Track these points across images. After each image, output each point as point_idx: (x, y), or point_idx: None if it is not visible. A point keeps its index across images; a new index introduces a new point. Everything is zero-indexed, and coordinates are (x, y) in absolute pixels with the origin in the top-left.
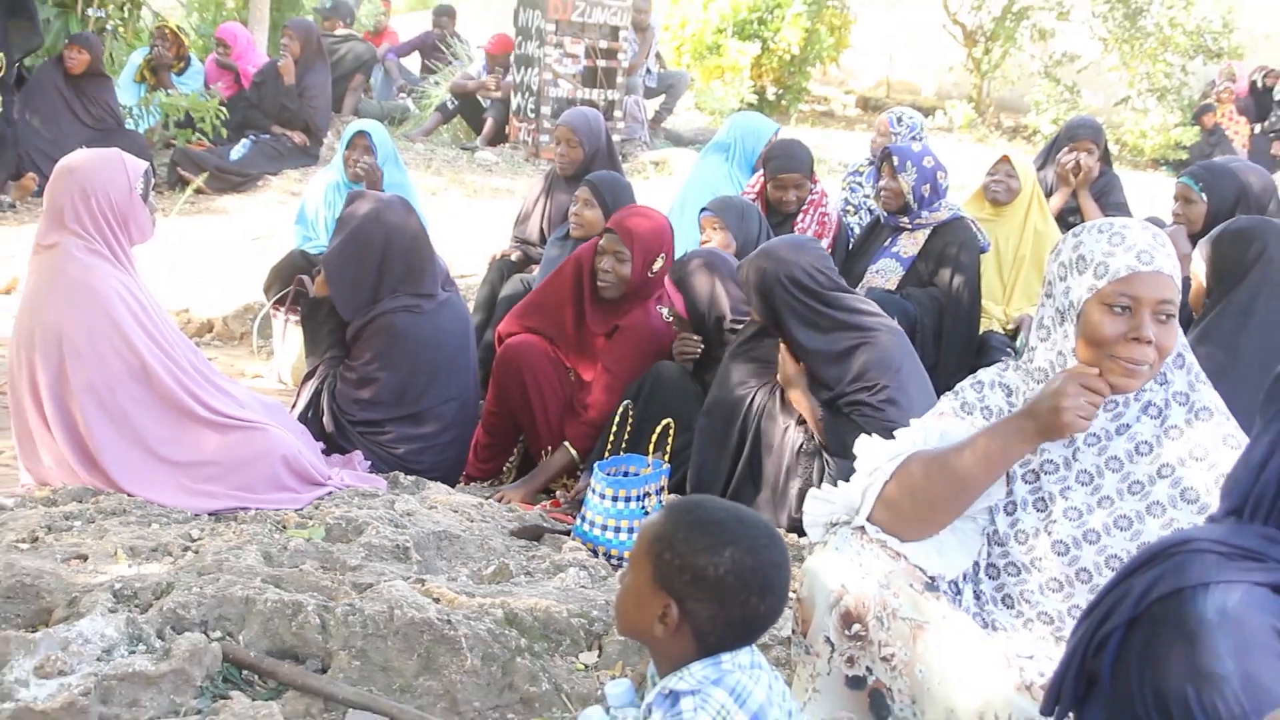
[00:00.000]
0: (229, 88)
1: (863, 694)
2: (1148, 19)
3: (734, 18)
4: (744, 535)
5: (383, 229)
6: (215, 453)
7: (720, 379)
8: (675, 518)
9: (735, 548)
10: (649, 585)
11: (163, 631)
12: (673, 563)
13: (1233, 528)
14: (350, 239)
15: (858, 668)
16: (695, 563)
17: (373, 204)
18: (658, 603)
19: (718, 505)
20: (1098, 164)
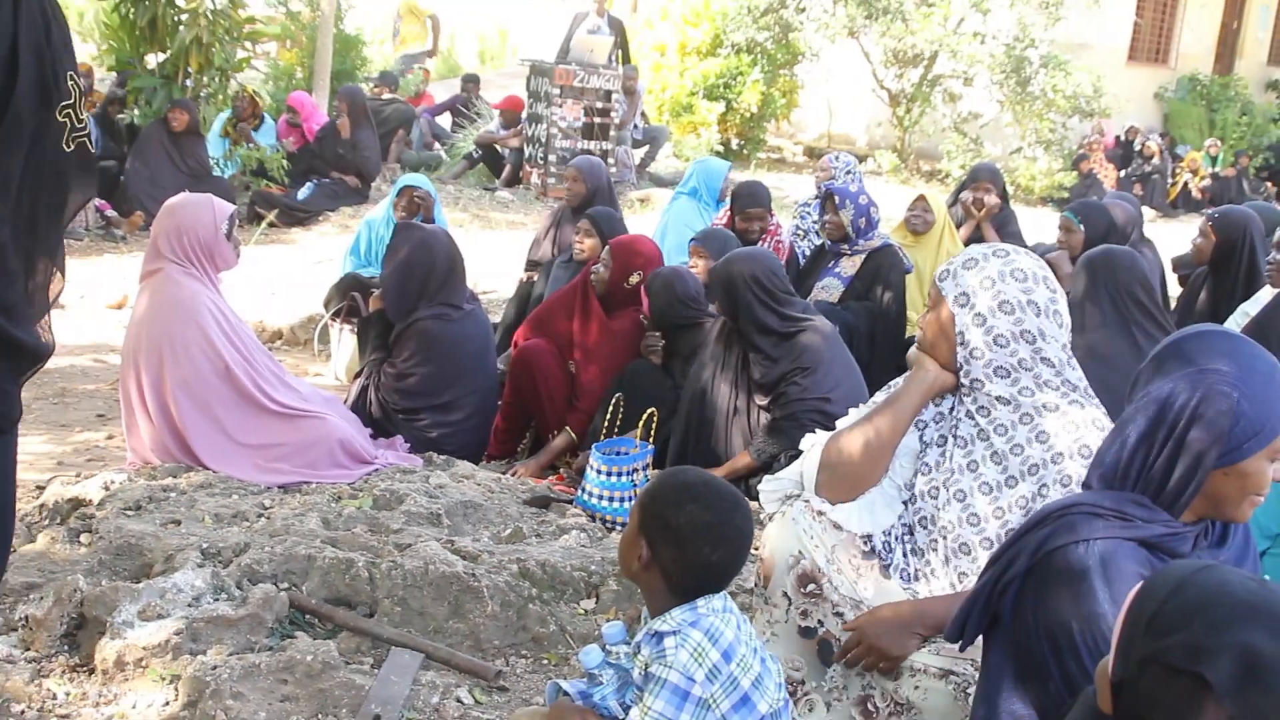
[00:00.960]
0: (297, 142)
1: (812, 643)
2: (1035, 85)
3: (704, 83)
4: (705, 495)
5: (429, 252)
6: (283, 437)
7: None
8: (662, 479)
9: (695, 504)
10: (635, 531)
11: (241, 583)
12: (649, 511)
13: (1107, 493)
14: (406, 258)
15: (810, 620)
16: (664, 513)
17: (423, 232)
18: (638, 545)
19: (696, 473)
20: (998, 202)
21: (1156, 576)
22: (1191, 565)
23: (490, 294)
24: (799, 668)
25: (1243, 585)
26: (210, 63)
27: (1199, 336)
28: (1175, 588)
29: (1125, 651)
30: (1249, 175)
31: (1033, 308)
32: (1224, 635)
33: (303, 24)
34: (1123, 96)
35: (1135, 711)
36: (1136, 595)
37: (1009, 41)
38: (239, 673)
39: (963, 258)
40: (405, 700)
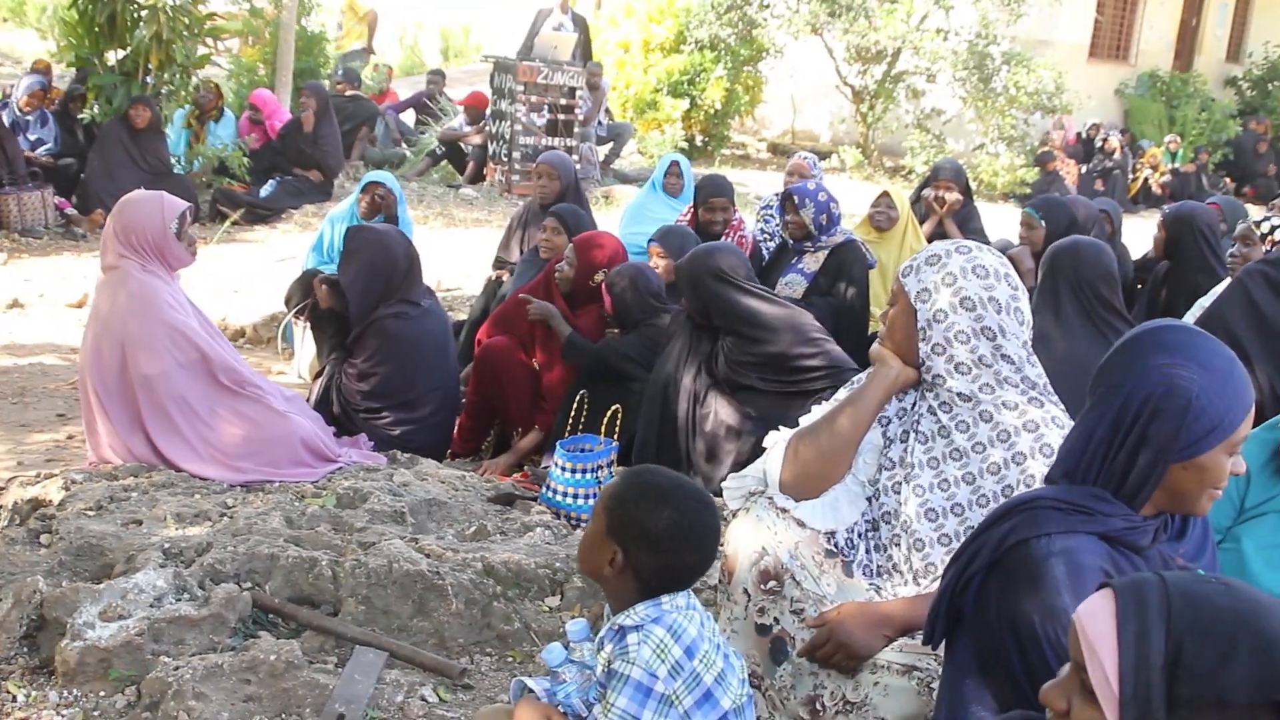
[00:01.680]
0: (260, 139)
1: (766, 640)
2: (997, 82)
3: (668, 80)
4: (681, 500)
5: (388, 252)
6: (247, 435)
7: (654, 375)
8: (629, 481)
9: (673, 510)
10: (602, 535)
11: (203, 583)
12: (622, 518)
13: (1068, 488)
14: (368, 260)
15: (767, 617)
16: (640, 519)
17: (378, 233)
18: (608, 549)
19: (664, 474)
20: (960, 198)
21: (1127, 612)
22: (1150, 586)
23: (454, 291)
24: (758, 663)
25: (1224, 597)
26: (171, 59)
27: (1158, 331)
28: (1170, 623)
29: (1141, 704)
30: (1208, 171)
31: (994, 304)
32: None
33: (265, 20)
34: (1084, 93)
35: None
36: (1122, 639)
37: (971, 38)
38: (201, 673)
39: (925, 254)
40: (369, 699)
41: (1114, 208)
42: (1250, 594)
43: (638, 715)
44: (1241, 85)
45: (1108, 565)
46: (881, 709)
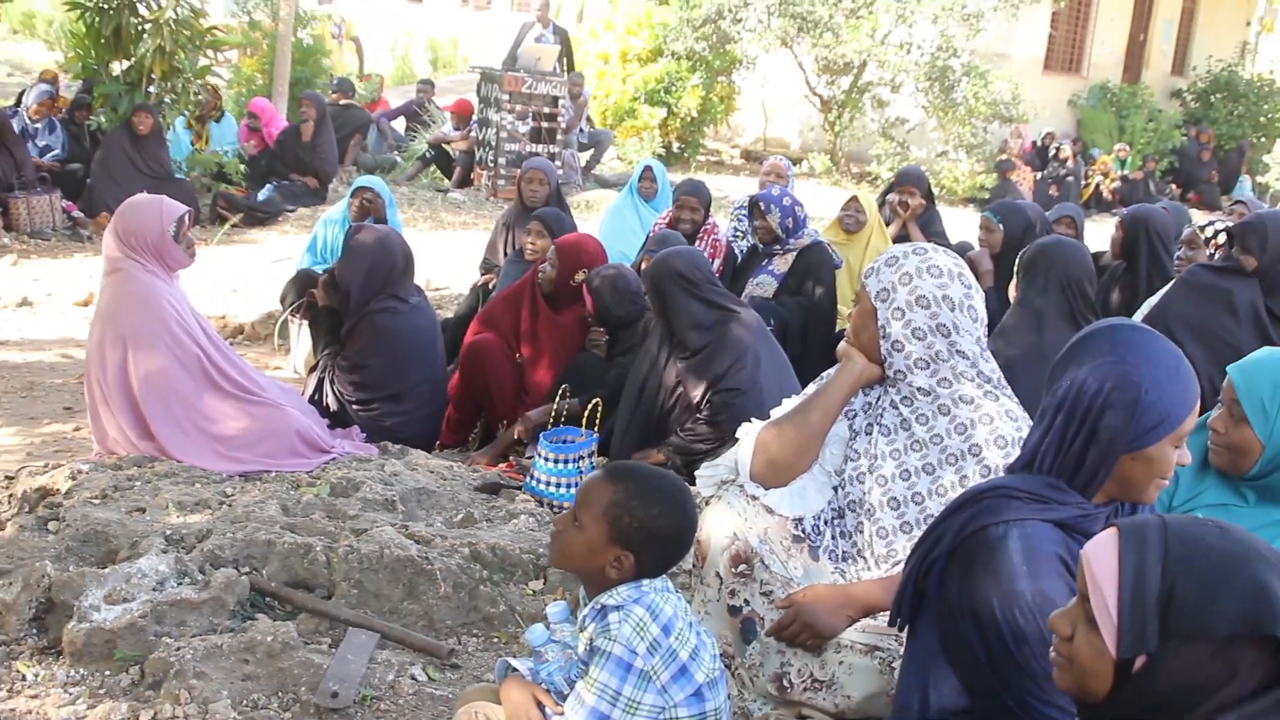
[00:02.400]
0: (258, 145)
1: (736, 620)
2: (958, 93)
3: (646, 89)
4: (678, 499)
5: (387, 250)
6: (244, 427)
7: (631, 371)
8: (625, 488)
9: (676, 511)
10: (604, 541)
11: (203, 567)
12: (631, 526)
13: (1025, 477)
14: (362, 256)
15: (738, 599)
16: (650, 525)
17: (379, 233)
18: (612, 553)
19: (648, 472)
20: (923, 202)
21: (1129, 549)
22: (1151, 526)
23: (442, 290)
24: (730, 643)
25: (1217, 537)
26: (173, 70)
27: (1110, 330)
28: (1166, 559)
29: (1137, 632)
30: (1155, 178)
31: (947, 302)
32: (1264, 594)
33: (264, 33)
34: (1039, 103)
35: (1153, 681)
36: (1123, 572)
37: (933, 52)
38: (202, 653)
39: (885, 256)
40: (362, 678)
41: (1077, 212)
42: (1242, 536)
43: (618, 689)
44: (1186, 97)
45: (1062, 551)
46: (847, 687)
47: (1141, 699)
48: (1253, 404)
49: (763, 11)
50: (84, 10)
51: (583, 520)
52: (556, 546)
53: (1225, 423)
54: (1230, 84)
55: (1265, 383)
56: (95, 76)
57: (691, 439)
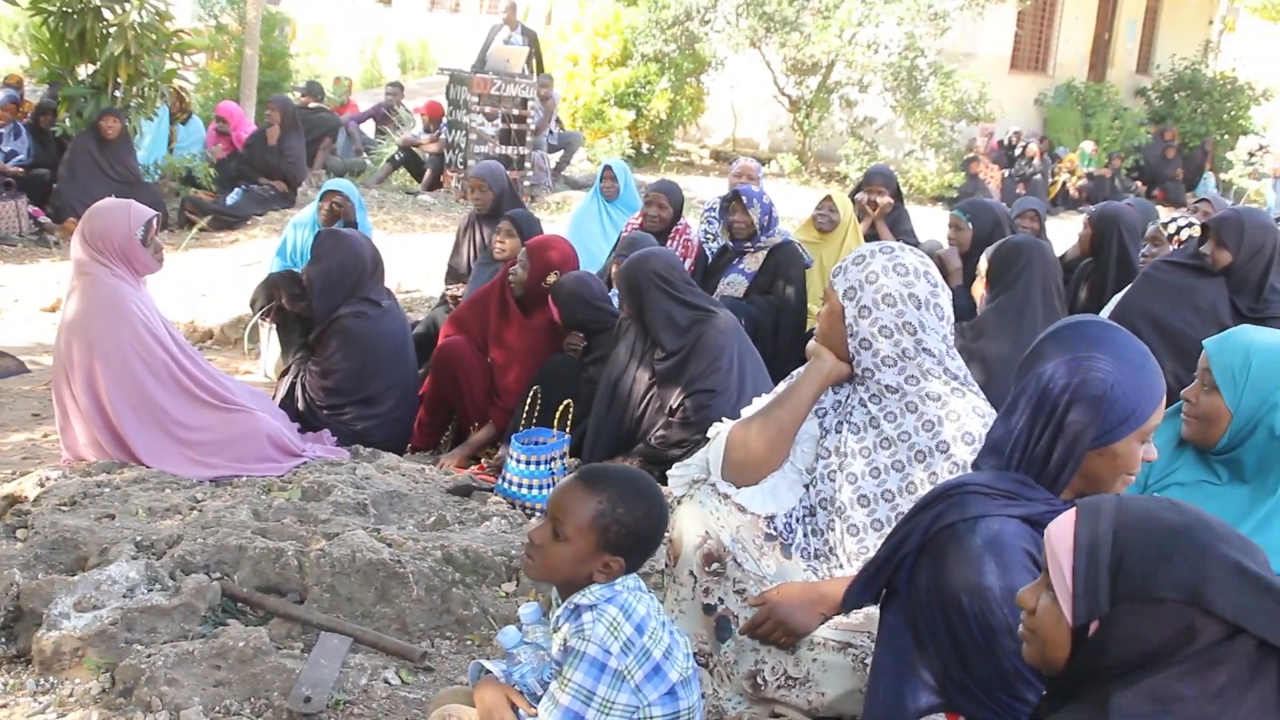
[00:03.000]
0: (226, 149)
1: (711, 619)
2: (925, 92)
3: (615, 91)
4: (657, 497)
5: (357, 255)
6: (214, 432)
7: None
8: (609, 496)
9: (657, 509)
10: (592, 550)
11: (174, 573)
12: (620, 533)
13: (994, 474)
14: (336, 260)
15: (712, 597)
16: (637, 529)
17: (348, 237)
18: (600, 560)
19: (628, 477)
20: (891, 201)
21: (1084, 524)
22: (1107, 501)
23: (413, 293)
24: (705, 640)
25: (1167, 510)
26: (139, 74)
27: (1077, 326)
28: (1117, 530)
29: (1090, 597)
30: (1121, 175)
31: (913, 300)
32: (1205, 564)
33: (231, 36)
34: (1005, 102)
35: (1106, 647)
36: (1078, 542)
37: (900, 52)
38: (173, 660)
39: (852, 255)
40: (335, 682)
41: (1040, 206)
42: (1192, 511)
43: (592, 689)
44: (1150, 95)
45: (1030, 546)
46: (820, 684)
47: (1097, 663)
48: (1223, 373)
49: (731, 12)
50: (48, 14)
51: (566, 533)
52: (540, 562)
53: (1196, 392)
54: (1194, 82)
55: (1236, 353)
56: (60, 81)
57: (663, 445)
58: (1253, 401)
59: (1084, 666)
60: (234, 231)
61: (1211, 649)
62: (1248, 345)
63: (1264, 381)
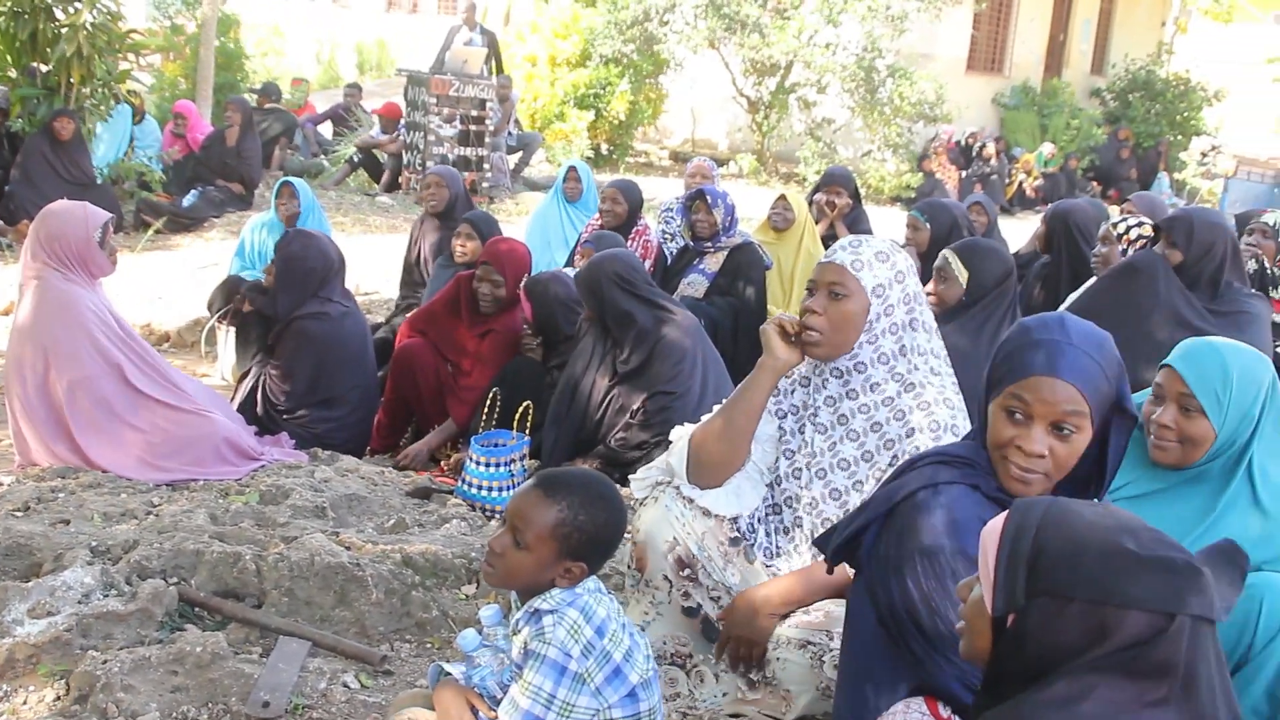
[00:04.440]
0: (183, 150)
1: (695, 621)
2: (883, 93)
3: (574, 93)
4: (616, 500)
5: (322, 252)
6: (171, 435)
7: (564, 374)
8: (569, 503)
9: (617, 512)
10: (554, 558)
11: (130, 579)
12: (581, 539)
13: (962, 444)
14: (298, 260)
15: (692, 601)
16: (599, 535)
17: (310, 237)
18: (561, 566)
19: (587, 482)
20: (849, 202)
21: (1015, 519)
22: (1039, 502)
23: (371, 295)
24: (685, 643)
25: (1094, 513)
26: (92, 74)
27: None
28: (1041, 526)
29: (1008, 590)
30: (1077, 175)
31: (923, 304)
32: (1119, 567)
33: (186, 37)
34: (963, 103)
35: (1022, 641)
36: (1003, 537)
37: (858, 53)
38: (129, 666)
39: (871, 249)
40: (294, 687)
41: (987, 200)
42: (1120, 516)
43: (553, 692)
44: (1105, 96)
45: (986, 515)
46: (785, 682)
47: (1013, 657)
48: (1207, 395)
49: (690, 13)
50: None
51: (527, 542)
52: (501, 570)
53: (1176, 417)
54: (1148, 83)
55: (1215, 373)
56: (12, 82)
57: (623, 447)
58: (1235, 418)
59: (1003, 660)
60: (190, 234)
61: (1133, 649)
62: (1224, 361)
63: (1244, 397)
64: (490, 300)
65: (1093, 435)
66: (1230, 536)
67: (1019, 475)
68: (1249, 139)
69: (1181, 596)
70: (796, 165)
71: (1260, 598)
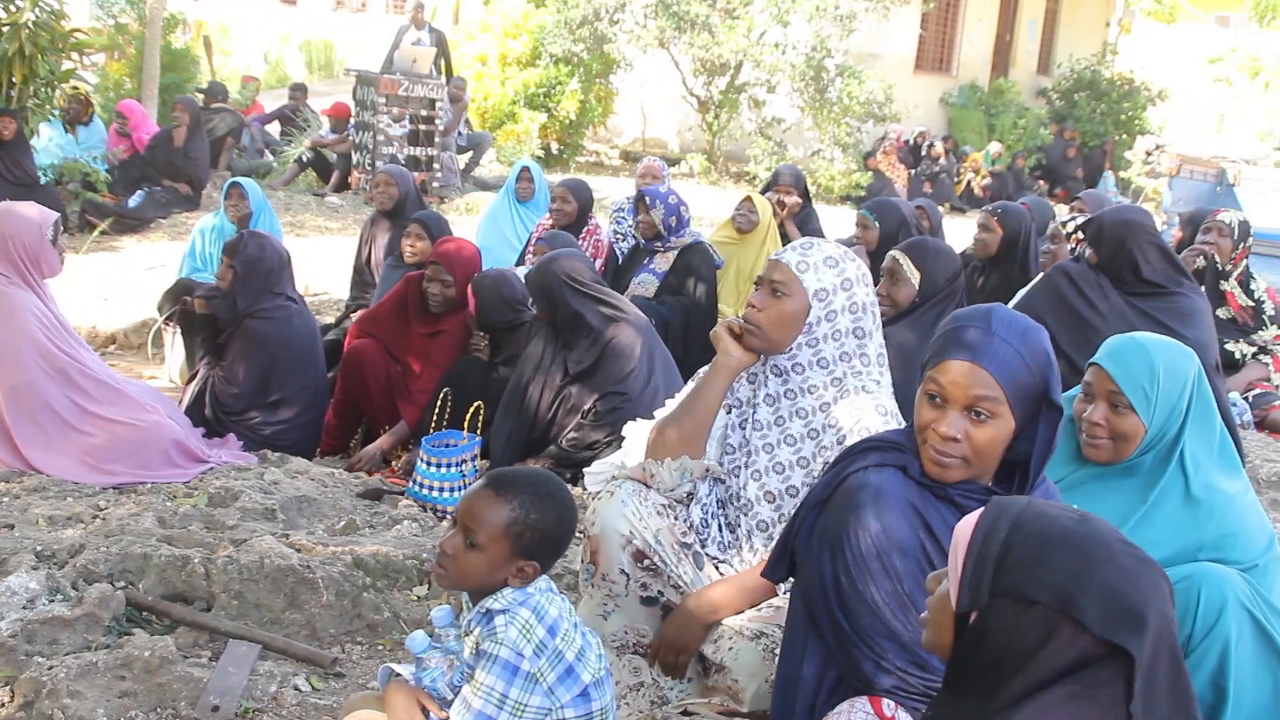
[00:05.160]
0: (128, 150)
1: (656, 610)
2: (832, 92)
3: (525, 92)
4: (565, 497)
5: (275, 252)
6: (118, 438)
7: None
8: (520, 503)
9: (567, 509)
10: (506, 557)
11: (76, 583)
12: (534, 538)
13: (900, 430)
14: (257, 261)
15: (651, 590)
16: (551, 533)
17: (263, 237)
18: (514, 566)
19: (536, 480)
20: (799, 201)
21: (989, 516)
22: (1016, 502)
23: (321, 296)
24: (645, 633)
25: (1069, 519)
26: (35, 73)
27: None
28: (1014, 527)
29: (973, 586)
30: (1024, 174)
31: (870, 311)
32: (1083, 575)
33: (131, 35)
34: (911, 102)
35: (981, 639)
36: (975, 533)
37: (807, 52)
38: (76, 672)
39: (820, 254)
40: (244, 690)
41: (930, 205)
42: (1094, 524)
43: (505, 693)
44: (1051, 96)
45: (915, 499)
46: (734, 670)
47: (973, 655)
48: (1135, 392)
49: (639, 13)
50: None
51: (479, 542)
52: (453, 571)
53: (1106, 414)
54: (1093, 83)
55: (1142, 369)
56: None
57: (574, 447)
58: (1164, 413)
59: (963, 657)
60: (136, 235)
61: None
62: (1150, 357)
63: (1170, 391)
64: (440, 300)
65: (1018, 426)
66: (1163, 527)
67: (935, 458)
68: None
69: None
70: (747, 164)
71: (1197, 588)
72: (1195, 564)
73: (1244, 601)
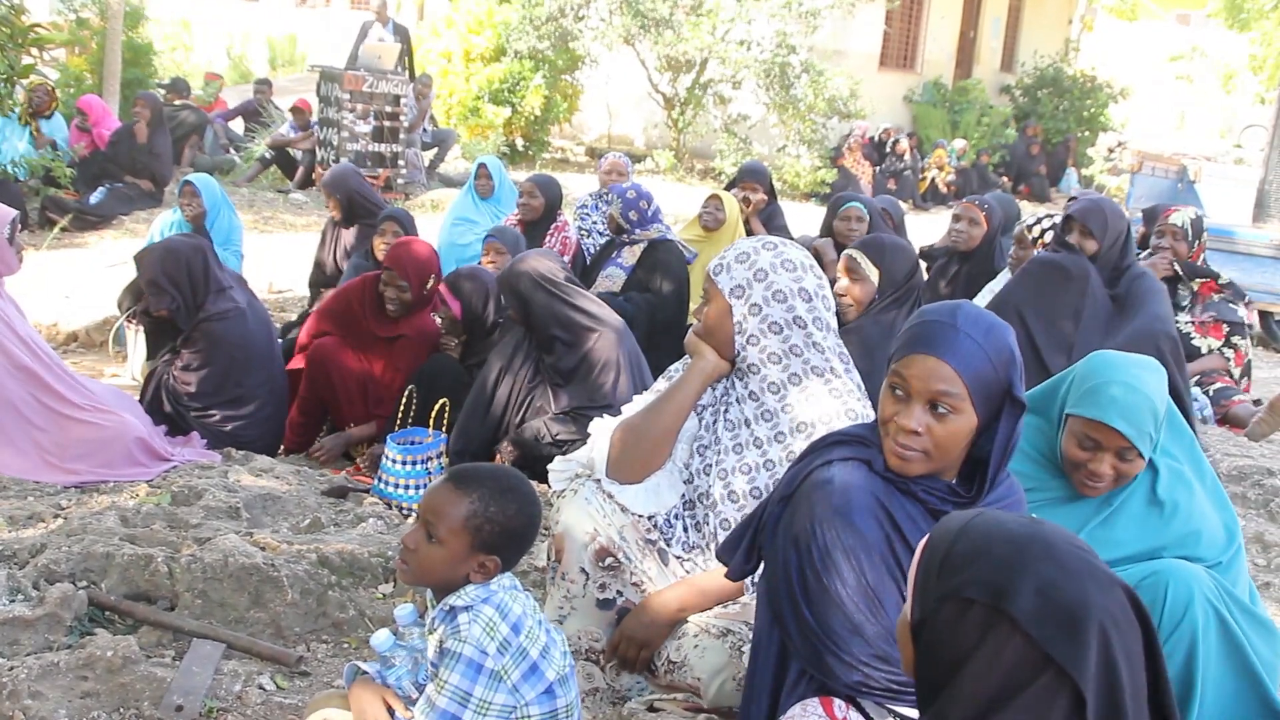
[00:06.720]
0: (89, 146)
1: (611, 613)
2: (797, 89)
3: (489, 88)
4: (527, 492)
5: (174, 256)
6: (79, 437)
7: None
8: (480, 495)
9: (529, 504)
10: (467, 551)
11: (38, 583)
12: (493, 532)
13: (866, 424)
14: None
15: (609, 592)
16: (510, 526)
17: (160, 246)
18: (475, 560)
19: (496, 475)
20: (764, 198)
21: (940, 526)
22: (969, 512)
23: (285, 293)
24: (598, 638)
25: (1017, 523)
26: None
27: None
28: (959, 531)
29: (922, 595)
30: (988, 171)
31: (803, 295)
32: (1015, 570)
33: (92, 30)
34: (875, 99)
35: (932, 648)
36: (926, 545)
37: (772, 49)
38: (37, 672)
39: (733, 252)
40: (208, 690)
41: (892, 204)
42: (1042, 527)
43: (469, 690)
44: (1014, 93)
45: (880, 494)
46: (697, 668)
47: (928, 667)
48: (1144, 441)
49: (604, 9)
50: None
51: (440, 535)
52: (415, 566)
53: (1114, 463)
54: (1056, 80)
55: (1147, 418)
56: None
57: (537, 437)
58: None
59: (922, 669)
60: (97, 231)
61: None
62: (1151, 403)
63: (1159, 416)
64: (396, 304)
65: (980, 422)
66: (1126, 527)
67: (897, 451)
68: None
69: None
70: (713, 161)
71: (1164, 584)
72: (1161, 560)
73: (1209, 597)
